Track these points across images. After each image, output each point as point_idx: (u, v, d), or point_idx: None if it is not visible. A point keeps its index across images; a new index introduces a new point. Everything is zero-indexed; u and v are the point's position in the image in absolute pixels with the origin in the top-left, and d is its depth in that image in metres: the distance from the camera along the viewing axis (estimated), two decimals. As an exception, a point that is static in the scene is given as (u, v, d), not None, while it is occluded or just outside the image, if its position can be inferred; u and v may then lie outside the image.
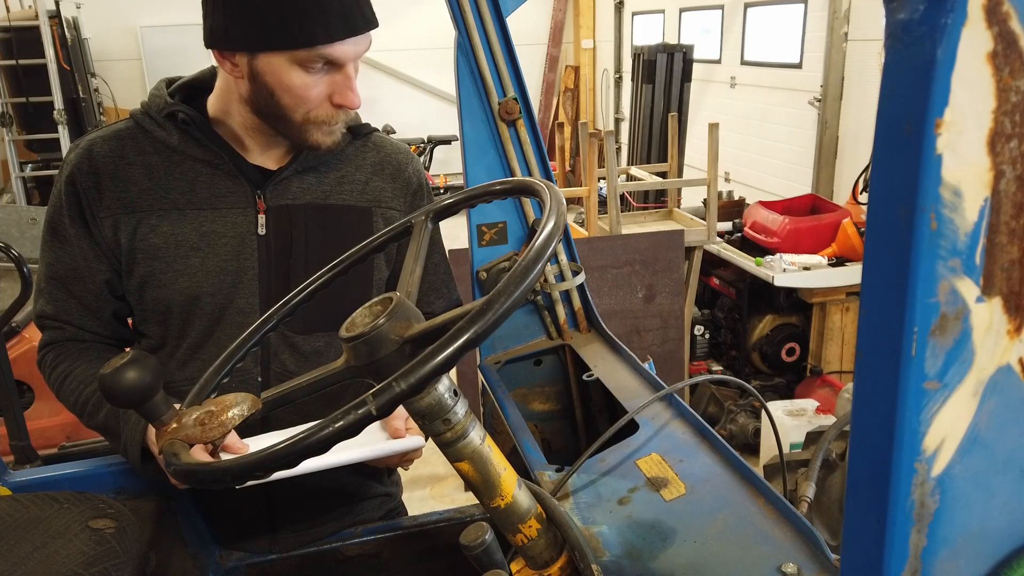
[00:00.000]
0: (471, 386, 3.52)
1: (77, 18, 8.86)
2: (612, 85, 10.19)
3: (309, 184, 1.41)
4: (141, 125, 1.37)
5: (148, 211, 1.34)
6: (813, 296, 4.09)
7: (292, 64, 1.24)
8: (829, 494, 2.26)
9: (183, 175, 1.35)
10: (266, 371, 1.40)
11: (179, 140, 1.35)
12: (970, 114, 0.43)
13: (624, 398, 1.46)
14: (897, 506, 0.48)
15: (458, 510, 1.54)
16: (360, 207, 1.45)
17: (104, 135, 1.38)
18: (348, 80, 1.28)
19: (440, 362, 0.71)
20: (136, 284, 1.37)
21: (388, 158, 1.50)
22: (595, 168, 4.25)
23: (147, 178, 1.34)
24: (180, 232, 1.34)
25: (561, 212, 0.87)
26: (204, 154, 1.36)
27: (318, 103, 1.29)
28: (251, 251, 1.37)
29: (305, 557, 1.47)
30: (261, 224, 1.37)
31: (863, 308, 0.48)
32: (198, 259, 1.35)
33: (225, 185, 1.36)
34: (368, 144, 1.50)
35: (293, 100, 1.28)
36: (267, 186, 1.38)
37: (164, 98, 1.37)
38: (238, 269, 1.36)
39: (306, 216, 1.40)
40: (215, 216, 1.36)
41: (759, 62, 7.05)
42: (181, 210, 1.35)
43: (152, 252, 1.34)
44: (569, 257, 1.76)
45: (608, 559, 1.05)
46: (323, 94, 1.28)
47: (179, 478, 0.79)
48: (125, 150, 1.36)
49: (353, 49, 1.26)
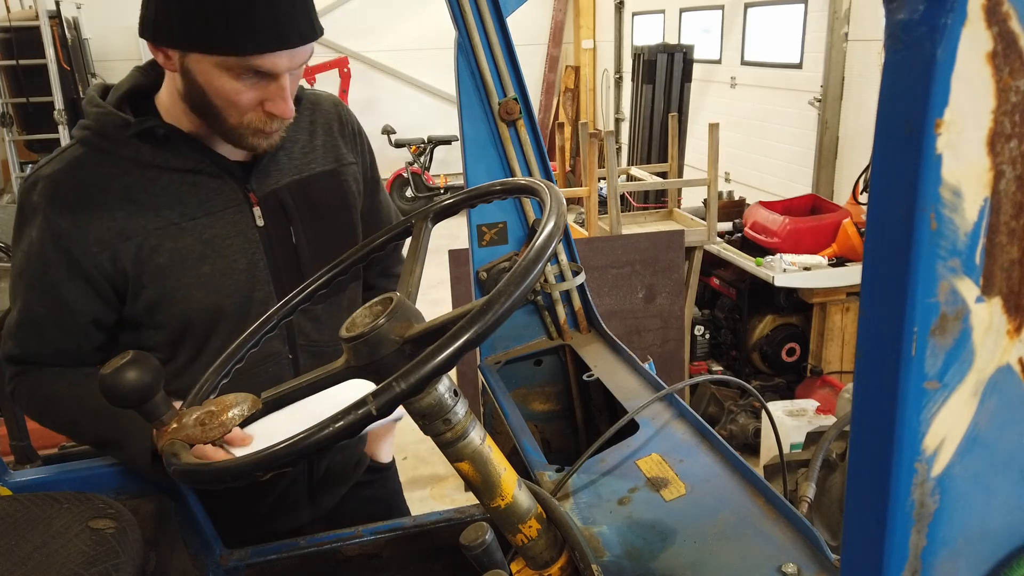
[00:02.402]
0: (471, 386, 3.52)
1: (77, 18, 8.86)
2: (612, 85, 10.19)
3: (283, 164, 1.42)
4: (97, 148, 1.30)
5: (144, 233, 1.29)
6: (813, 296, 4.09)
7: (221, 69, 1.19)
8: (829, 494, 2.27)
9: (164, 189, 1.31)
10: (294, 347, 1.44)
11: (152, 155, 1.30)
12: (970, 114, 0.43)
13: (624, 398, 1.46)
14: (897, 506, 0.48)
15: (458, 510, 1.54)
16: (329, 170, 1.47)
17: (62, 167, 1.29)
18: (282, 91, 1.23)
19: (440, 362, 0.71)
20: (144, 307, 1.33)
21: (328, 112, 1.52)
22: (595, 168, 4.25)
23: (129, 200, 1.29)
24: (183, 246, 1.31)
25: (561, 212, 0.87)
26: (182, 163, 1.31)
27: (250, 109, 1.24)
28: (256, 244, 1.37)
29: (305, 557, 1.47)
30: (258, 216, 1.38)
31: (863, 308, 0.48)
32: (208, 267, 1.33)
33: (211, 188, 1.34)
34: (306, 105, 1.49)
35: (224, 104, 1.23)
36: (252, 178, 1.37)
37: (116, 115, 1.30)
38: (249, 265, 1.37)
39: (292, 195, 1.41)
40: (212, 221, 1.34)
41: (759, 62, 7.05)
42: (177, 224, 1.31)
43: (159, 272, 1.31)
44: (569, 257, 1.76)
45: (608, 559, 1.05)
46: (255, 101, 1.24)
47: (179, 478, 0.80)
48: (94, 177, 1.28)
49: (287, 62, 1.21)
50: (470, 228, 1.74)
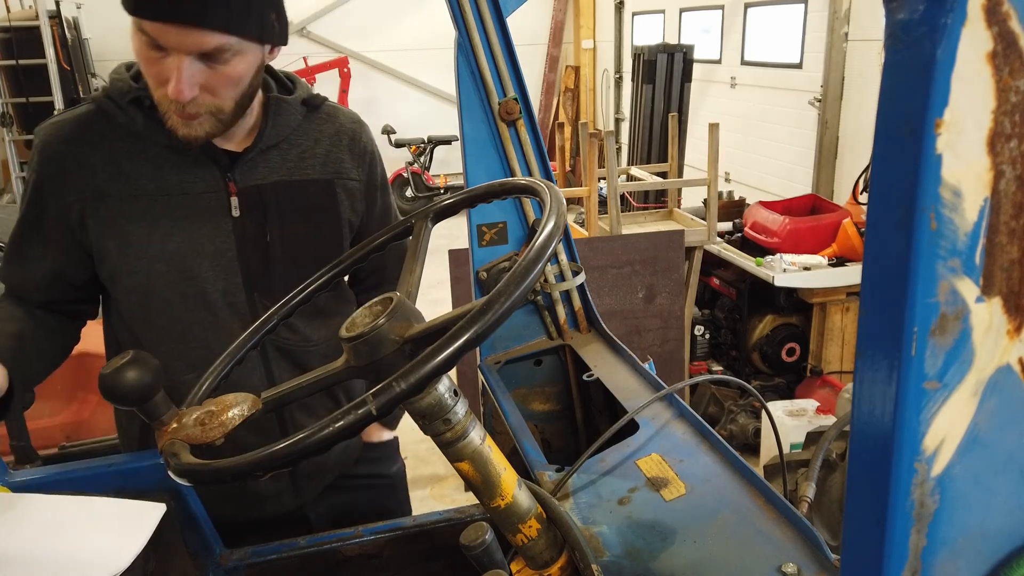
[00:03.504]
0: (471, 386, 3.52)
1: (77, 18, 8.85)
2: (612, 85, 10.19)
3: (274, 162, 1.44)
4: (103, 110, 1.36)
5: (119, 196, 1.34)
6: (813, 296, 4.09)
7: (137, 32, 1.21)
8: (829, 494, 2.27)
9: (149, 161, 1.35)
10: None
11: (144, 126, 1.34)
12: (970, 114, 0.43)
13: (624, 398, 1.46)
14: (897, 506, 0.48)
15: (458, 510, 1.54)
16: (323, 180, 1.48)
17: (67, 118, 1.37)
18: (177, 72, 1.20)
19: (440, 362, 0.71)
20: (108, 273, 1.38)
21: (343, 128, 1.53)
22: (595, 168, 4.24)
23: (113, 163, 1.34)
24: (153, 218, 1.35)
25: (561, 212, 0.87)
26: (171, 140, 1.32)
27: (158, 84, 1.24)
28: (226, 233, 1.39)
29: (305, 557, 1.47)
30: (235, 206, 1.39)
31: (863, 308, 0.48)
32: (174, 244, 1.36)
33: (193, 170, 1.37)
34: (322, 115, 1.52)
35: (145, 73, 1.26)
36: (235, 168, 1.39)
37: (127, 82, 1.35)
38: (215, 252, 1.39)
39: (276, 194, 1.42)
40: (186, 201, 1.37)
41: (759, 62, 7.05)
42: (152, 196, 1.35)
43: (125, 239, 1.35)
44: (569, 257, 1.76)
45: (608, 559, 1.05)
46: (158, 76, 1.23)
47: (179, 477, 0.80)
48: (89, 135, 1.35)
49: (174, 39, 1.18)
50: (470, 228, 1.74)
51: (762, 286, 4.16)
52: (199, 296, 1.39)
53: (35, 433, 2.84)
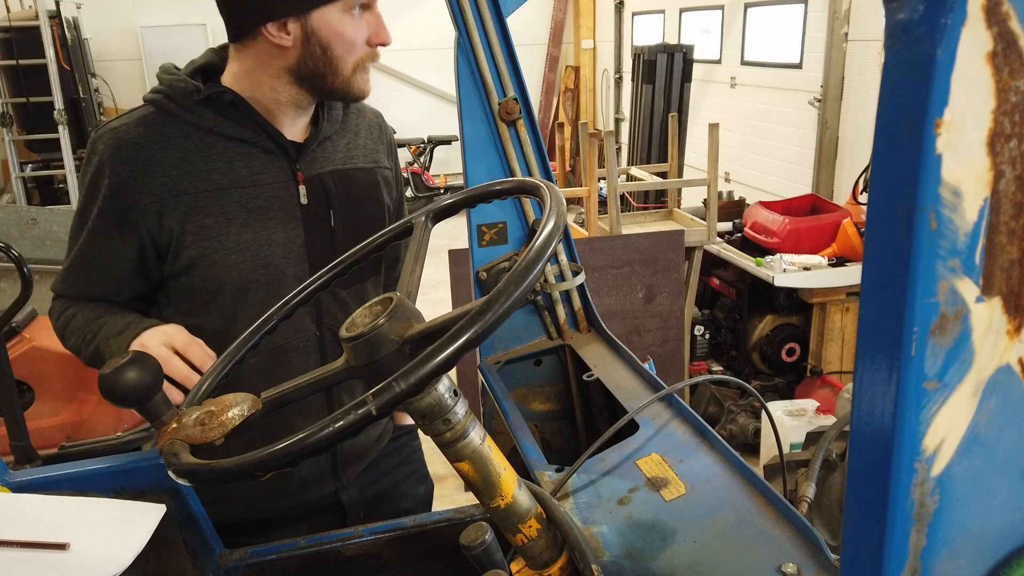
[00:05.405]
0: (471, 386, 3.51)
1: (77, 18, 8.86)
2: (612, 85, 10.19)
3: (328, 152, 1.52)
4: (165, 110, 1.40)
5: (195, 193, 1.39)
6: (813, 296, 4.09)
7: (343, 13, 1.34)
8: (829, 494, 2.27)
9: (219, 155, 1.41)
10: (320, 326, 1.52)
11: (214, 121, 1.40)
12: (970, 114, 0.43)
13: (624, 398, 1.46)
14: (897, 506, 0.48)
15: (458, 510, 1.54)
16: (367, 168, 1.59)
17: (129, 122, 1.40)
18: (379, 19, 1.39)
19: (440, 362, 0.71)
20: (183, 266, 1.41)
21: (372, 121, 1.65)
22: (595, 168, 4.25)
23: (184, 161, 1.39)
24: (228, 210, 1.40)
25: (561, 212, 0.87)
26: (240, 133, 1.41)
27: (363, 47, 1.39)
28: (296, 221, 1.46)
29: (305, 557, 1.47)
30: (303, 194, 1.46)
31: (863, 308, 0.48)
32: (249, 234, 1.42)
33: (263, 161, 1.43)
34: (353, 109, 1.61)
35: (345, 48, 1.36)
36: (301, 158, 1.47)
37: (188, 82, 1.40)
38: (286, 240, 1.45)
39: (334, 182, 1.51)
40: (259, 192, 1.43)
41: (759, 62, 7.05)
42: (226, 189, 1.40)
43: (202, 232, 1.39)
44: (569, 257, 1.76)
45: (608, 559, 1.05)
46: (366, 36, 1.39)
47: (179, 478, 0.80)
48: (156, 135, 1.39)
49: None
50: (470, 228, 1.74)
51: (762, 286, 4.16)
52: (271, 284, 1.44)
53: (35, 433, 2.84)
